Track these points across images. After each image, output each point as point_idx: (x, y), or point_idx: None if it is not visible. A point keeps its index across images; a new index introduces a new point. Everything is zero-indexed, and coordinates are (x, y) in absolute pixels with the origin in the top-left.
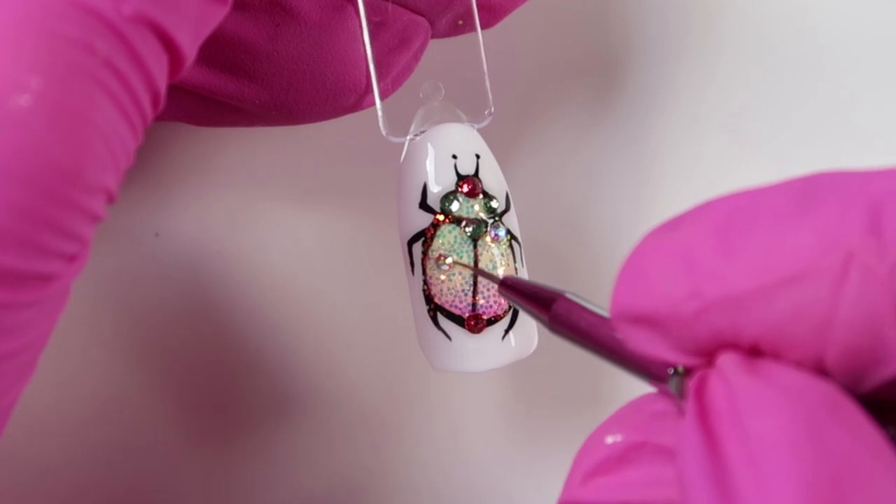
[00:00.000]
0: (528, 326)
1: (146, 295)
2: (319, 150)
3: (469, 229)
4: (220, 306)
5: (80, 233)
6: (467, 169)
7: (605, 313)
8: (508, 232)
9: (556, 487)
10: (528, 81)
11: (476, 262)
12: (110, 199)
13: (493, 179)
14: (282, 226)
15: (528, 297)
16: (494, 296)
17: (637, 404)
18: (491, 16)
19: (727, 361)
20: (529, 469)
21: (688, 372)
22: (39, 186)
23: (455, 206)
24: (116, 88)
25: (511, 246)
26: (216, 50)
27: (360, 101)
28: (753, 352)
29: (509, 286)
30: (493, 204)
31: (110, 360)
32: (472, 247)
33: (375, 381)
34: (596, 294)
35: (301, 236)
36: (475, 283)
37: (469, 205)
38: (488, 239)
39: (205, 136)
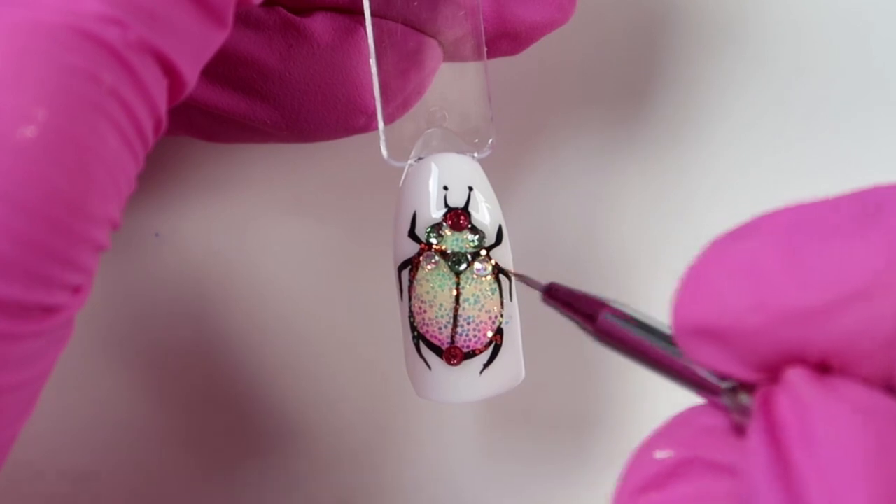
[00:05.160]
0: (512, 361)
1: (145, 295)
2: (323, 157)
3: (448, 263)
4: (218, 308)
5: (84, 263)
6: (457, 201)
7: (654, 323)
8: (496, 266)
9: None
10: (538, 106)
11: (458, 295)
12: (114, 228)
13: (483, 213)
14: (281, 228)
15: (572, 306)
16: (474, 330)
17: (685, 418)
18: (515, 45)
19: (795, 376)
20: (519, 495)
21: (742, 386)
22: (45, 217)
23: (435, 240)
24: (120, 117)
25: (498, 280)
26: (228, 69)
27: (369, 122)
28: (821, 367)
29: (552, 294)
30: (479, 239)
31: (107, 360)
32: (454, 280)
33: (368, 400)
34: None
35: (300, 241)
36: (455, 316)
37: (454, 238)
38: (474, 273)
39: (211, 145)
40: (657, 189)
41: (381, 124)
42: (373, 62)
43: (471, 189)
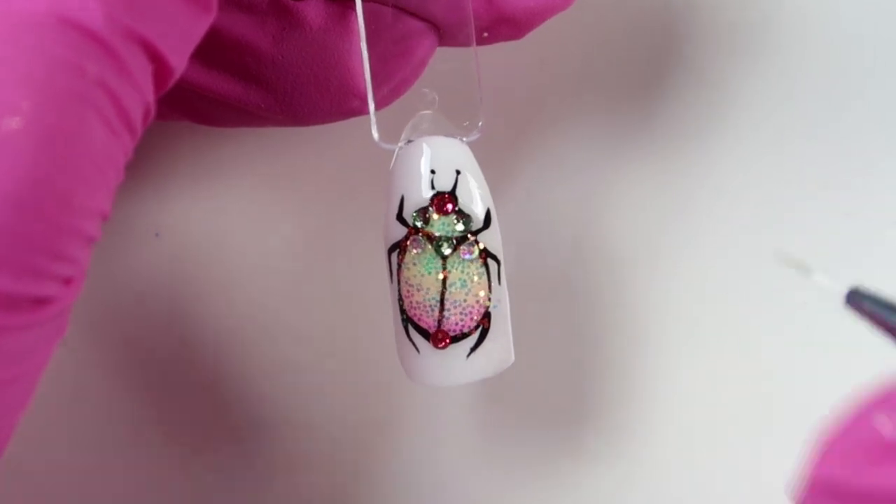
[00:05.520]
0: (500, 345)
1: (144, 295)
2: (323, 151)
3: (434, 247)
4: (219, 308)
5: (73, 255)
6: (444, 185)
7: None
8: (484, 251)
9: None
10: (536, 92)
11: (444, 279)
12: (103, 218)
13: (470, 197)
14: (282, 226)
15: (881, 320)
16: (461, 313)
17: None
18: (516, 30)
19: None
20: (509, 483)
21: None
22: (32, 208)
23: (421, 223)
24: (107, 108)
25: (486, 265)
26: (222, 53)
27: (363, 105)
28: None
29: (858, 302)
30: (465, 222)
31: (105, 361)
32: (440, 264)
33: (363, 384)
34: (593, 322)
35: (296, 228)
36: (442, 300)
37: (441, 221)
38: (460, 257)
39: (206, 136)
40: (657, 182)
41: (371, 107)
42: (363, 45)
43: (458, 173)
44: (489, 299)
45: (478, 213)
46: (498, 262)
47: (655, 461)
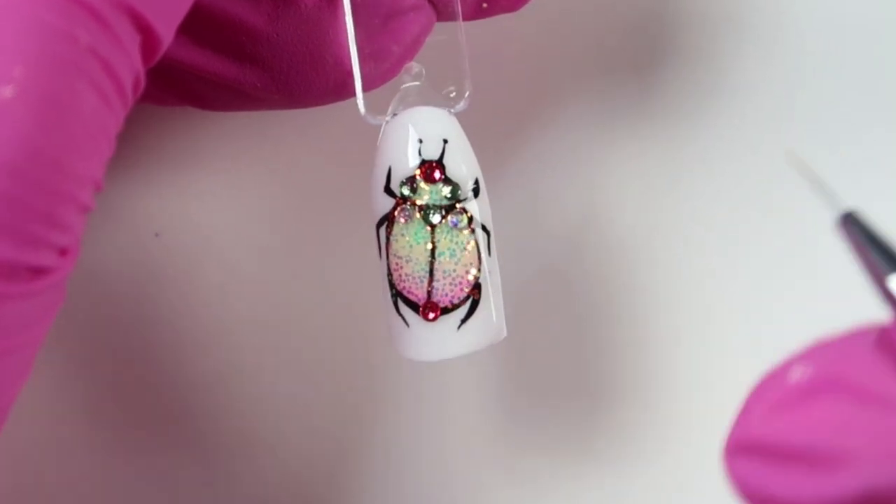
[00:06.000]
0: (492, 317)
1: (145, 295)
2: (313, 132)
3: (422, 215)
4: (220, 306)
5: (69, 222)
6: (431, 154)
7: None
8: (472, 220)
9: (533, 484)
10: (535, 71)
11: (433, 249)
12: (97, 188)
13: (458, 166)
14: (284, 224)
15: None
16: (451, 284)
17: (845, 339)
18: (513, 0)
19: None
20: (507, 464)
21: None
22: (27, 176)
23: (408, 192)
24: (99, 76)
25: (476, 235)
26: (218, 33)
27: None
28: None
29: (850, 227)
30: (453, 191)
31: (105, 360)
32: (429, 233)
33: (357, 366)
34: (592, 313)
35: (304, 234)
36: (431, 270)
37: (429, 190)
38: (448, 226)
39: (207, 135)
40: (656, 160)
41: (358, 82)
42: (348, 18)
43: (445, 142)
44: (479, 270)
45: (466, 182)
46: (488, 232)
47: (663, 450)
